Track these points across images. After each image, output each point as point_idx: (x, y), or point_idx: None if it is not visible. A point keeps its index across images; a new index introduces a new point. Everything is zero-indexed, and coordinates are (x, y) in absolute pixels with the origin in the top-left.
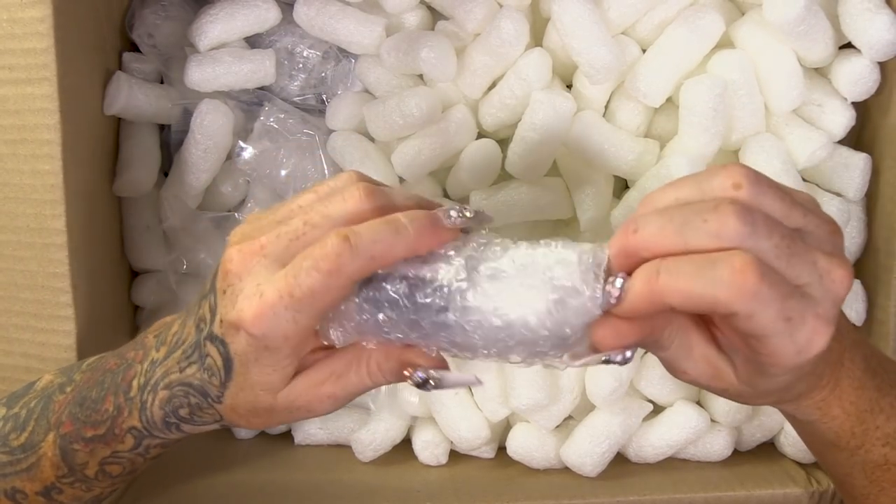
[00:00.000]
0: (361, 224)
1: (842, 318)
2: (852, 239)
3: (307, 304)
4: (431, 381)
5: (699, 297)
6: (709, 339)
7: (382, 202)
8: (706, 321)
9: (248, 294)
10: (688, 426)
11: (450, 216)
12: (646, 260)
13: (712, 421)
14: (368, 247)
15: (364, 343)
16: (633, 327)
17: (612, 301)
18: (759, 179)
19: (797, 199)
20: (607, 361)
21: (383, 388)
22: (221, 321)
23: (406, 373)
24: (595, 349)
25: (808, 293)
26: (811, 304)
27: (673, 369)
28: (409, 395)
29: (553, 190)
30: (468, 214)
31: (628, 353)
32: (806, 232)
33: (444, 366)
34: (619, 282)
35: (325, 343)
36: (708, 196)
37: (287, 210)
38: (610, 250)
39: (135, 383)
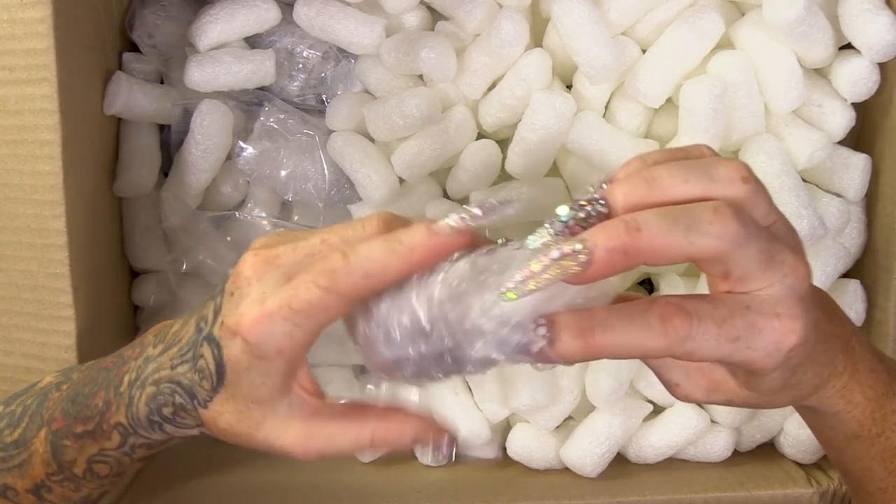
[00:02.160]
0: (363, 241)
1: (840, 310)
2: (852, 240)
3: (304, 317)
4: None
5: (632, 351)
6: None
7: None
8: None
9: (252, 300)
10: (688, 427)
11: (449, 223)
12: (645, 261)
13: (712, 421)
14: (362, 264)
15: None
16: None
17: (533, 351)
18: (755, 177)
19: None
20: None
21: (383, 387)
22: (223, 323)
23: (422, 447)
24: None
25: (768, 295)
26: (767, 309)
27: (665, 383)
28: (409, 395)
29: (553, 190)
30: (476, 212)
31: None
32: (775, 228)
33: (453, 436)
34: (541, 331)
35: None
36: (716, 182)
37: (314, 234)
38: (599, 244)
39: (126, 378)
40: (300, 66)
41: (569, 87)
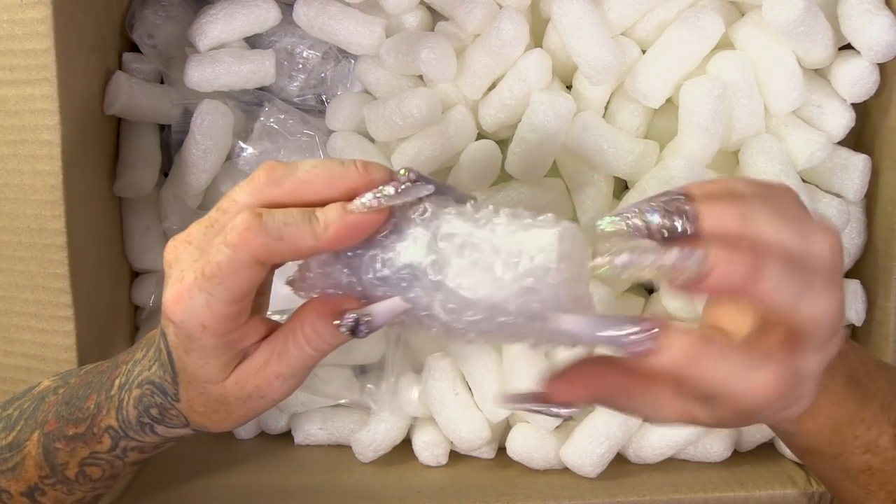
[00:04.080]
0: (280, 209)
1: None
2: (852, 240)
3: (216, 283)
4: (362, 321)
5: (725, 393)
6: (673, 391)
7: (280, 176)
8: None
9: (173, 280)
10: (687, 427)
11: (363, 202)
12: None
13: None
14: (278, 226)
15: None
16: (589, 387)
17: (638, 349)
18: (842, 254)
19: None
20: (542, 411)
21: (383, 386)
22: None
23: (336, 322)
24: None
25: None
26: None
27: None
28: (408, 393)
29: (553, 190)
30: (390, 191)
31: (565, 412)
32: None
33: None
34: (650, 335)
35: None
36: (809, 254)
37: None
38: (717, 271)
39: (117, 382)
40: (300, 66)
41: (569, 87)
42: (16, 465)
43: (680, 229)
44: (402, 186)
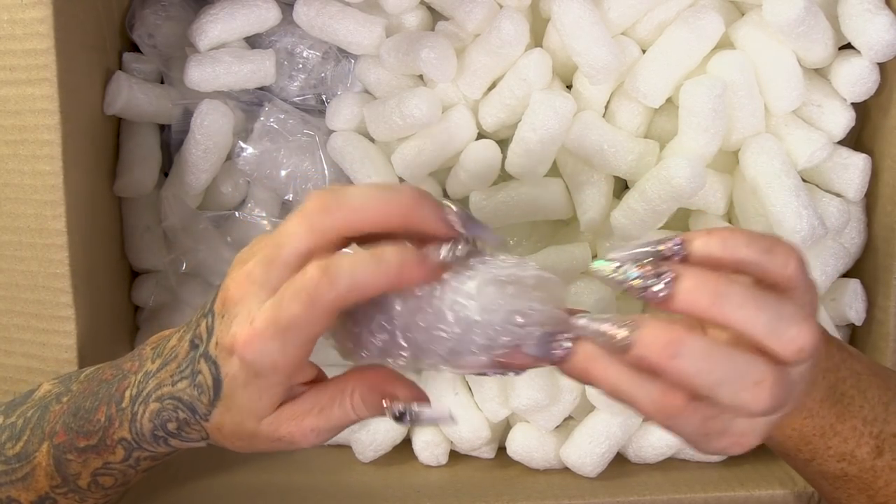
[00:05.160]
0: (345, 255)
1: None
2: (852, 239)
3: (291, 333)
4: (409, 415)
5: (623, 399)
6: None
7: (332, 205)
8: None
9: (241, 321)
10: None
11: (440, 254)
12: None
13: None
14: (346, 278)
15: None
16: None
17: (553, 356)
18: (814, 348)
19: None
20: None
21: None
22: (217, 343)
23: (384, 403)
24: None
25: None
26: (735, 424)
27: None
28: None
29: (553, 190)
30: (461, 251)
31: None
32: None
33: (424, 399)
34: (566, 344)
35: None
36: (778, 340)
37: (284, 244)
38: (639, 345)
39: (127, 394)
40: (300, 66)
41: (569, 87)
42: (26, 475)
43: (653, 292)
44: (469, 248)
